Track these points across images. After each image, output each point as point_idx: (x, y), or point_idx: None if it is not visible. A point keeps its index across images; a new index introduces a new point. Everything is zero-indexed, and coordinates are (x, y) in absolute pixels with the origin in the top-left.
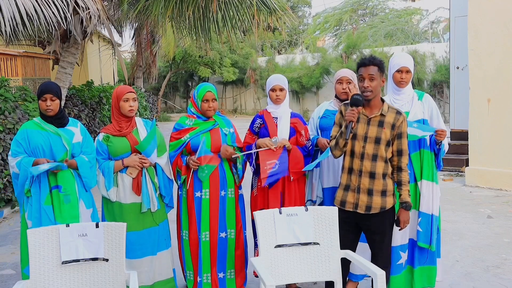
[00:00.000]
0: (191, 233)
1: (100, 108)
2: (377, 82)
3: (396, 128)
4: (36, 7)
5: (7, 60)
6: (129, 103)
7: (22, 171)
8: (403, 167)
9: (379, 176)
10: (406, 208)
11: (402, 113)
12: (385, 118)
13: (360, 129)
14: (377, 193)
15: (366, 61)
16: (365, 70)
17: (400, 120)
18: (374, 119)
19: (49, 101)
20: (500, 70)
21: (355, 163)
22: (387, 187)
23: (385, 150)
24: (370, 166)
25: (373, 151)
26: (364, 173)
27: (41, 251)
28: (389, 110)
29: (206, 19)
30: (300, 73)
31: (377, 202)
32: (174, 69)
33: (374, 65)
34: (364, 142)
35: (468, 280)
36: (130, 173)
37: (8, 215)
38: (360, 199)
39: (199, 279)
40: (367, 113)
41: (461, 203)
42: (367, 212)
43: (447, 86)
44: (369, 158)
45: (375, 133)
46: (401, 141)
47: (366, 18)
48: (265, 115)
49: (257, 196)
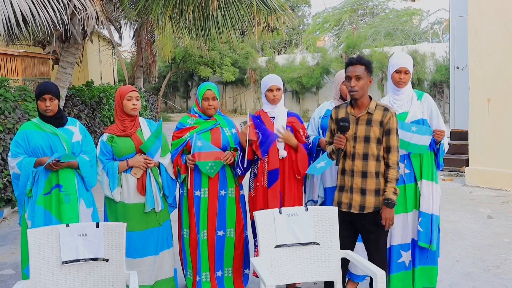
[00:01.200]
0: (191, 231)
1: (100, 108)
2: (364, 82)
3: (384, 125)
4: (32, 9)
5: (7, 60)
6: (132, 101)
7: (23, 172)
8: (391, 164)
9: (371, 175)
10: (388, 205)
11: (390, 109)
12: (372, 116)
13: (350, 129)
14: (370, 193)
15: (354, 60)
16: (352, 69)
17: (388, 116)
18: (362, 118)
19: (48, 101)
20: (500, 70)
21: (347, 163)
22: (380, 186)
23: (377, 148)
24: (362, 165)
25: (364, 150)
26: (356, 173)
27: (41, 251)
28: (376, 108)
29: (206, 19)
30: (300, 73)
31: (371, 201)
32: (174, 69)
33: (361, 64)
34: (354, 142)
35: (468, 280)
36: (134, 173)
37: (8, 215)
38: (354, 199)
39: (198, 278)
40: (355, 112)
41: (461, 203)
42: (361, 211)
43: (447, 86)
44: (360, 158)
45: (364, 132)
46: (389, 138)
47: (366, 18)
48: (262, 115)
49: (255, 197)
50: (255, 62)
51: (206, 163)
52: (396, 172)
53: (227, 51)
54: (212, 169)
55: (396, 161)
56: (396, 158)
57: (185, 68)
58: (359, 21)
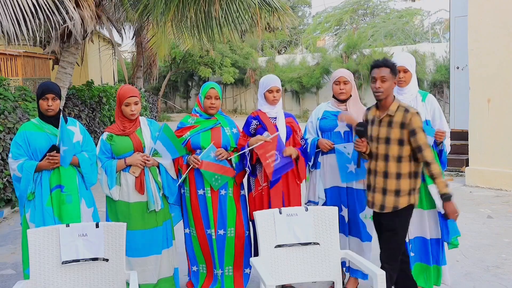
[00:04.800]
0: (199, 229)
1: (100, 108)
2: (388, 84)
3: (406, 126)
4: (19, 18)
5: (7, 60)
6: (130, 107)
7: (24, 175)
8: (429, 160)
9: (392, 176)
10: (446, 199)
11: (410, 109)
12: (393, 118)
13: (374, 131)
14: (391, 193)
15: (379, 63)
16: (377, 71)
17: (409, 117)
18: (384, 120)
19: (51, 101)
20: (500, 70)
21: (372, 163)
22: (400, 187)
23: (398, 149)
24: (383, 166)
25: (385, 151)
26: (378, 173)
27: (41, 251)
28: (398, 110)
29: (207, 19)
30: (300, 73)
31: (390, 201)
32: (174, 69)
33: (387, 67)
34: (377, 143)
35: (468, 280)
36: (133, 171)
37: (8, 215)
38: (376, 198)
39: (219, 271)
40: (379, 114)
41: (461, 203)
42: (381, 210)
43: (447, 86)
44: (382, 158)
45: (385, 134)
46: (416, 138)
47: (366, 18)
48: (261, 116)
49: (256, 197)
50: (255, 62)
51: (212, 174)
52: (438, 167)
53: (228, 51)
54: (217, 182)
55: (432, 156)
56: (430, 153)
57: (185, 68)
58: (360, 21)
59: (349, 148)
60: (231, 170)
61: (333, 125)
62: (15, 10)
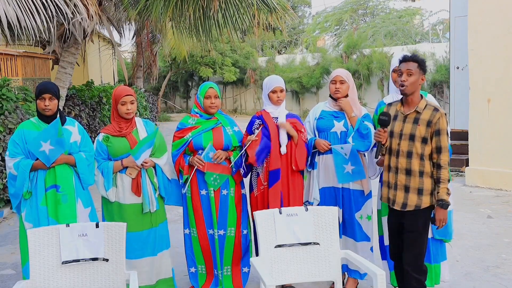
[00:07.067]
0: (200, 230)
1: (100, 108)
2: (415, 78)
3: (432, 125)
4: (19, 16)
5: (7, 60)
6: (126, 106)
7: (20, 174)
8: (442, 164)
9: (415, 174)
10: (442, 206)
11: (439, 109)
12: (420, 115)
13: (397, 126)
14: (414, 191)
15: (407, 57)
16: (405, 65)
17: (437, 116)
18: (410, 116)
19: (48, 101)
20: (500, 70)
21: (392, 160)
22: (423, 185)
23: (422, 147)
24: (406, 163)
25: (408, 148)
26: (400, 170)
27: (41, 251)
28: (426, 107)
29: (207, 19)
30: (300, 73)
31: (413, 199)
32: (174, 69)
33: (415, 61)
34: (399, 139)
35: (468, 280)
36: (129, 173)
37: (8, 215)
38: (397, 196)
39: (219, 272)
40: (404, 110)
41: (461, 203)
42: (402, 209)
43: (447, 86)
44: (404, 155)
45: (410, 130)
46: (439, 138)
47: (366, 18)
48: (264, 116)
49: (257, 197)
50: (255, 62)
51: (211, 174)
52: (447, 173)
53: (228, 51)
54: (216, 182)
55: (447, 161)
56: (447, 158)
57: (185, 68)
58: (360, 21)
59: (346, 149)
60: (229, 169)
61: (330, 125)
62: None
